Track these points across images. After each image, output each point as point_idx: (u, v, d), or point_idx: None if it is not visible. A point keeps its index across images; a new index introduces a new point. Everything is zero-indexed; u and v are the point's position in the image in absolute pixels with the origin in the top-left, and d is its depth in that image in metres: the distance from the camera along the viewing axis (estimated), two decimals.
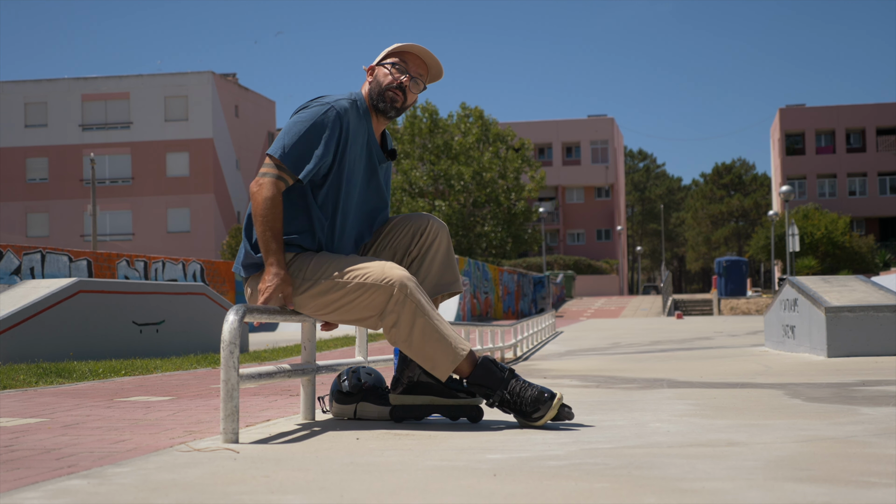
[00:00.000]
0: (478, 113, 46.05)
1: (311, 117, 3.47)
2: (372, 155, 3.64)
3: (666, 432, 3.27)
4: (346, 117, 3.50)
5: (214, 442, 3.06)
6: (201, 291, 12.00)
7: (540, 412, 3.34)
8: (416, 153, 45.02)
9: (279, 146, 3.45)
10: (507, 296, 37.04)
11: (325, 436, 3.26)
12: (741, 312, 38.31)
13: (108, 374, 7.13)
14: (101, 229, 51.73)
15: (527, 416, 3.36)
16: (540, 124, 70.10)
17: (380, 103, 3.60)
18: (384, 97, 3.59)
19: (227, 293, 25.25)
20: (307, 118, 3.47)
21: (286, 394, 5.37)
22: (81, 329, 9.93)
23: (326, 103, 3.50)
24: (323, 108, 3.48)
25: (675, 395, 5.06)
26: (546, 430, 3.38)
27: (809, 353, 8.91)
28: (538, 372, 7.72)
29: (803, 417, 3.72)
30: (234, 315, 3.08)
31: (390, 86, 3.59)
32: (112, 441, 3.25)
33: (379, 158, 3.67)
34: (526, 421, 3.38)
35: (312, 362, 3.75)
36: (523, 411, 3.36)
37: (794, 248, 36.15)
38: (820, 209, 52.54)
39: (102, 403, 4.82)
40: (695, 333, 17.18)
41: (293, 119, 3.51)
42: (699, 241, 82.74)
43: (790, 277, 9.93)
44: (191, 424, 3.78)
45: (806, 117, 64.50)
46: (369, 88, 3.63)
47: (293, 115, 3.54)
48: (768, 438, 3.05)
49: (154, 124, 52.46)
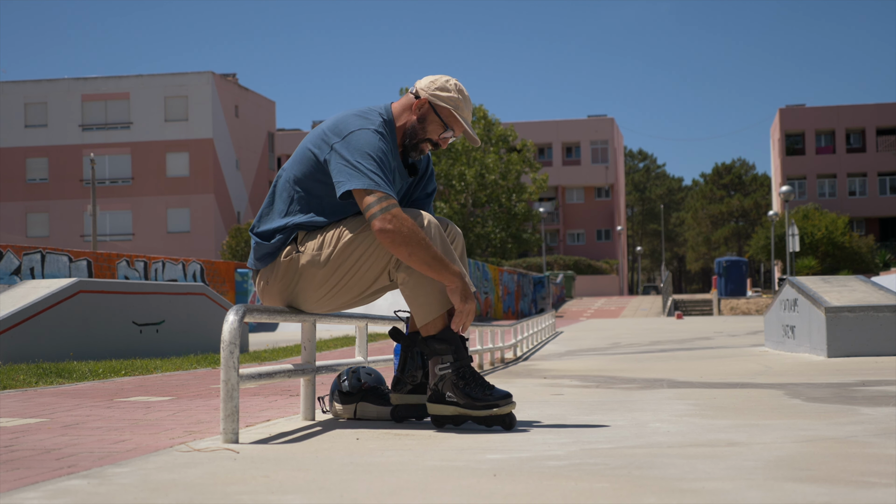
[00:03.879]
0: (481, 113, 46.00)
1: (372, 145, 3.38)
2: (396, 178, 3.59)
3: (666, 432, 3.27)
4: (388, 138, 3.48)
5: (214, 442, 3.06)
6: (201, 291, 12.00)
7: (489, 402, 3.34)
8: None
9: (366, 178, 3.32)
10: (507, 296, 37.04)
11: (325, 436, 3.26)
12: (741, 312, 38.30)
13: (108, 375, 7.13)
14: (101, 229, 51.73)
15: (473, 401, 3.35)
16: (540, 124, 70.08)
17: (410, 148, 3.56)
18: (418, 146, 3.56)
19: (227, 293, 25.24)
20: (369, 146, 3.38)
21: (286, 394, 5.36)
22: (81, 329, 9.92)
23: (376, 130, 3.43)
24: (377, 135, 3.42)
25: (675, 395, 5.06)
26: (546, 430, 3.38)
27: (809, 353, 8.91)
28: (538, 372, 7.72)
29: (803, 417, 3.72)
30: (234, 315, 3.08)
31: (430, 139, 3.56)
32: (112, 441, 3.25)
33: (402, 177, 3.62)
34: (465, 410, 3.37)
35: (312, 362, 3.75)
36: (471, 395, 3.36)
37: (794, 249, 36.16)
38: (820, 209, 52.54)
39: (102, 403, 4.82)
40: (695, 333, 17.17)
41: (352, 149, 3.38)
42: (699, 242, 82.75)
43: (790, 277, 9.93)
44: (191, 424, 3.78)
45: (806, 117, 64.49)
46: (410, 122, 3.55)
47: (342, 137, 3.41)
48: (768, 438, 3.05)
49: (154, 124, 52.45)
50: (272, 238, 3.57)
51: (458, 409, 3.39)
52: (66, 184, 52.83)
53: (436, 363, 3.41)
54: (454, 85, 3.58)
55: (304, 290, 3.55)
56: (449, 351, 3.39)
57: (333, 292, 3.54)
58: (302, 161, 3.53)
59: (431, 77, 3.62)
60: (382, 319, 4.56)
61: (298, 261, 3.51)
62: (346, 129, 3.43)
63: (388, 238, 3.29)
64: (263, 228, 3.59)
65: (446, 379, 3.39)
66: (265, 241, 3.58)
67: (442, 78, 3.60)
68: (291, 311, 3.57)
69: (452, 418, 3.42)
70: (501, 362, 9.38)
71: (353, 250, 3.45)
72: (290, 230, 3.53)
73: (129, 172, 52.78)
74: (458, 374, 3.38)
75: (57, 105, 52.83)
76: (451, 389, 3.38)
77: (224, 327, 3.05)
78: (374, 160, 3.35)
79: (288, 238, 3.54)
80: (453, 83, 3.59)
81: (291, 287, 3.56)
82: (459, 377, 3.38)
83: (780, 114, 64.92)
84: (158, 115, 52.47)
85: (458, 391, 3.37)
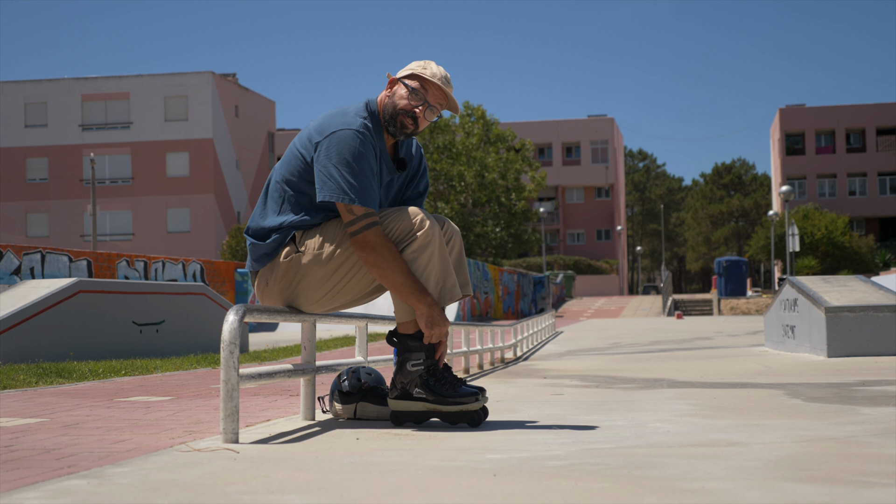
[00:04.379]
0: (480, 112, 45.98)
1: (352, 149, 3.40)
2: (383, 171, 3.60)
3: (666, 432, 3.27)
4: (370, 137, 3.48)
5: (214, 442, 3.06)
6: (201, 291, 12.00)
7: (458, 398, 3.41)
8: None
9: (343, 191, 3.36)
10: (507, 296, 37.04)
11: (325, 436, 3.26)
12: (741, 312, 38.30)
13: (108, 375, 7.13)
14: (100, 229, 51.73)
15: (443, 397, 3.42)
16: (540, 124, 70.09)
17: (390, 126, 3.56)
18: (395, 121, 3.55)
19: (227, 293, 25.24)
20: (348, 150, 3.39)
21: (286, 394, 5.37)
22: (81, 329, 9.93)
23: (356, 131, 3.43)
24: (357, 137, 3.42)
25: (675, 395, 5.06)
26: (546, 430, 3.38)
27: (809, 353, 8.91)
28: (538, 372, 7.72)
29: (803, 417, 3.72)
30: (234, 315, 3.08)
31: (405, 111, 3.55)
32: (112, 441, 3.25)
33: (390, 170, 3.63)
34: (435, 406, 3.43)
35: (312, 362, 3.75)
36: (441, 392, 3.43)
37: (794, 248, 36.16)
38: (820, 209, 52.54)
39: (102, 403, 4.82)
40: (695, 333, 17.18)
41: (331, 153, 3.40)
42: (699, 241, 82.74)
43: (790, 277, 9.93)
44: (191, 424, 3.78)
45: (806, 117, 64.48)
46: (385, 104, 3.58)
47: (322, 139, 3.43)
48: (768, 438, 3.05)
49: (154, 124, 52.45)
50: (267, 238, 3.58)
51: (427, 405, 3.46)
52: (65, 184, 52.84)
53: (408, 359, 3.48)
54: (424, 62, 3.61)
55: (306, 289, 3.56)
56: (423, 349, 3.47)
57: (335, 291, 3.56)
58: (291, 162, 3.56)
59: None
60: (382, 319, 4.56)
61: (300, 260, 3.52)
62: (328, 129, 3.47)
63: (362, 257, 3.42)
64: (257, 228, 3.61)
65: (415, 376, 3.46)
66: (260, 241, 3.59)
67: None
68: (291, 311, 3.57)
69: (417, 415, 3.49)
70: (501, 362, 9.38)
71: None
72: (286, 230, 3.54)
73: (129, 172, 52.78)
74: (429, 371, 3.46)
75: (57, 105, 52.83)
76: (420, 386, 3.46)
77: (224, 327, 3.05)
78: (351, 167, 3.39)
79: (285, 238, 3.54)
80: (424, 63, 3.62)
81: (293, 287, 3.57)
82: (430, 374, 3.46)
83: (781, 113, 64.92)
84: (158, 115, 52.47)
85: (428, 389, 3.45)
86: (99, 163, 50.75)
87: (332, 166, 3.39)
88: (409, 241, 3.44)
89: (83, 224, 52.21)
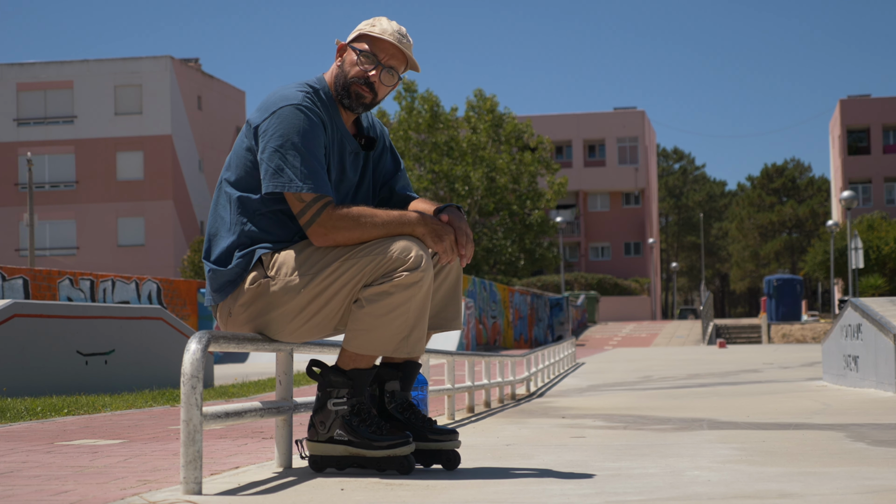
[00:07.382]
0: (489, 104, 45.92)
1: (296, 128, 3.44)
2: (344, 150, 3.62)
3: (706, 482, 3.28)
4: (316, 111, 3.51)
5: (173, 493, 3.07)
6: (158, 315, 12.01)
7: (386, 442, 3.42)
8: (413, 151, 45.01)
9: (289, 177, 3.40)
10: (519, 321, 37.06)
11: (304, 486, 3.27)
12: (795, 340, 38.32)
13: (47, 413, 7.13)
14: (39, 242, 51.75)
15: (368, 440, 3.43)
16: (558, 118, 70.25)
17: (344, 99, 3.59)
18: (349, 92, 3.58)
19: (189, 317, 25.26)
20: (293, 129, 3.44)
21: (258, 436, 5.37)
22: (16, 360, 9.93)
23: (296, 105, 3.47)
24: (300, 112, 3.46)
25: (716, 437, 5.06)
26: (565, 479, 3.39)
27: (875, 387, 8.91)
28: (555, 410, 7.72)
29: (868, 464, 3.72)
30: (197, 343, 3.09)
31: (357, 79, 3.57)
32: (53, 492, 3.25)
33: (352, 148, 3.65)
34: (359, 450, 3.44)
35: (289, 399, 3.75)
36: (366, 434, 3.44)
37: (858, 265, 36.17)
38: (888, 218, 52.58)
39: (41, 448, 4.82)
40: (740, 365, 17.18)
41: (272, 134, 3.45)
42: (745, 257, 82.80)
43: (852, 299, 9.94)
44: (145, 472, 3.78)
45: (871, 110, 64.62)
46: (336, 74, 3.62)
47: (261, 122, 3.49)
48: (827, 489, 3.05)
49: (102, 118, 52.55)
50: (229, 262, 3.53)
51: (349, 449, 3.48)
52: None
53: (329, 396, 3.49)
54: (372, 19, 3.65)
55: (277, 320, 3.52)
56: (346, 385, 3.47)
57: (314, 323, 3.52)
58: (238, 157, 3.56)
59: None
60: None
61: (268, 287, 3.48)
62: (268, 111, 3.51)
63: (329, 243, 3.44)
64: (218, 252, 3.56)
65: (339, 416, 3.47)
66: (222, 268, 3.54)
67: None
68: (264, 338, 3.56)
69: (340, 460, 3.50)
70: (512, 399, 9.38)
71: (333, 271, 3.43)
72: (249, 250, 3.50)
73: (73, 175, 52.86)
74: (353, 410, 3.47)
75: None
76: (341, 427, 3.47)
77: (185, 357, 3.06)
78: (298, 148, 3.42)
79: (250, 262, 3.50)
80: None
81: (261, 317, 3.53)
82: (354, 414, 3.47)
83: (841, 106, 65.07)
84: (107, 108, 52.57)
85: (351, 429, 3.46)
86: (37, 163, 50.78)
87: (275, 151, 3.43)
88: (389, 278, 3.40)
89: (18, 236, 52.25)
